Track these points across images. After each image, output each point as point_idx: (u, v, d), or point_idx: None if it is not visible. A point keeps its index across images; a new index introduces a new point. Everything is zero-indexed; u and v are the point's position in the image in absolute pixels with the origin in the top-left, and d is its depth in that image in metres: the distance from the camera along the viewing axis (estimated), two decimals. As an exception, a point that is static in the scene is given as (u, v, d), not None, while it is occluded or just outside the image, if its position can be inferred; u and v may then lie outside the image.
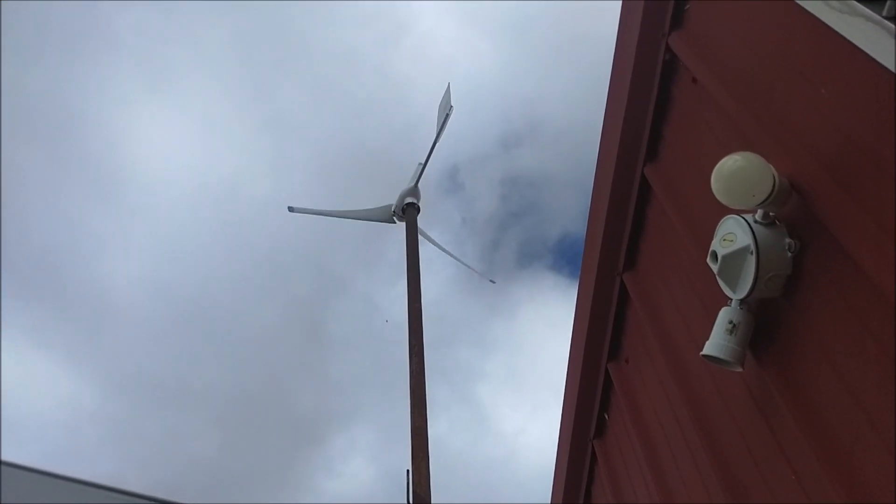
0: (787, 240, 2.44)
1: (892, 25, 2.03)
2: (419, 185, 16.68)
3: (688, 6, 3.45)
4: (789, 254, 2.44)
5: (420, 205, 16.78)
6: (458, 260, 18.32)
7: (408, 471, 11.48)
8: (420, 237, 16.05)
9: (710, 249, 2.60)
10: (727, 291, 2.59)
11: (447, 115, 15.48)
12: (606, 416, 4.82)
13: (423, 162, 16.34)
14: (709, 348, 2.62)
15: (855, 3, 2.22)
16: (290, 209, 17.01)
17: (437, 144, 15.84)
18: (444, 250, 17.73)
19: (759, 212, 2.46)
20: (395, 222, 16.79)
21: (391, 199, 16.76)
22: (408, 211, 16.60)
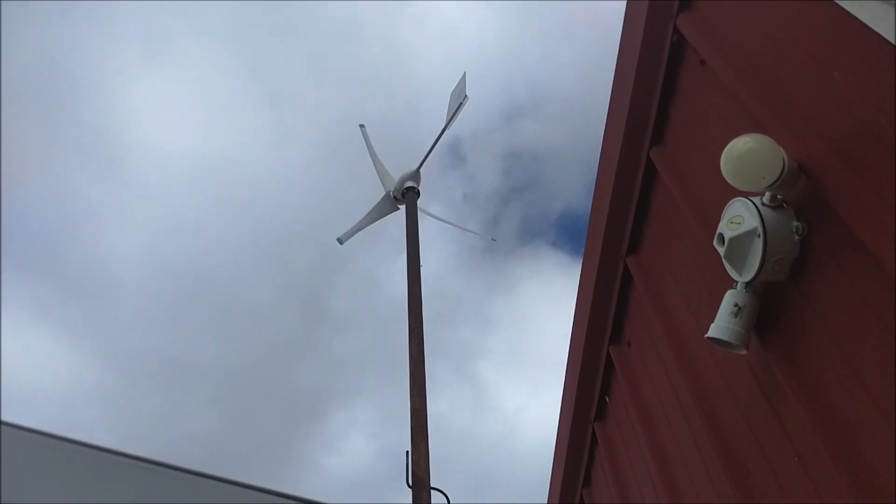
0: (795, 223, 2.43)
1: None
2: (421, 169, 16.66)
3: (697, -13, 3.42)
4: (797, 237, 2.44)
5: (420, 188, 16.78)
6: (458, 226, 18.39)
7: (407, 452, 11.53)
8: (419, 213, 16.06)
9: (717, 232, 2.59)
10: (733, 274, 2.59)
11: (460, 104, 15.38)
12: (608, 399, 4.84)
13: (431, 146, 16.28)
14: (713, 331, 2.62)
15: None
16: (340, 241, 16.49)
17: (446, 131, 15.81)
18: (442, 220, 17.76)
19: (767, 194, 2.45)
20: (398, 209, 16.79)
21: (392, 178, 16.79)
22: (407, 195, 16.59)
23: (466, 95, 15.02)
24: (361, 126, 16.82)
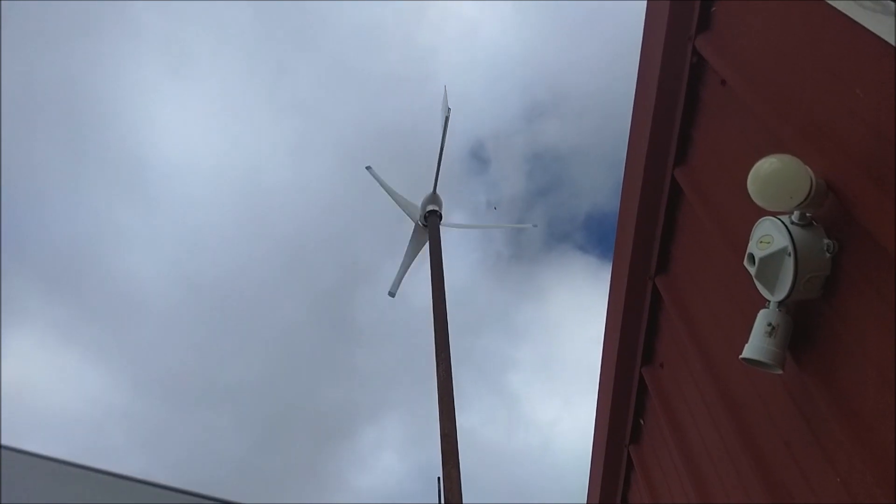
0: (826, 240, 2.43)
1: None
2: (437, 190, 16.93)
3: (714, 8, 3.44)
4: (828, 254, 2.43)
5: (442, 210, 17.00)
6: (492, 226, 18.68)
7: (439, 478, 11.52)
8: (448, 228, 16.37)
9: (747, 252, 2.59)
10: (765, 294, 2.58)
11: (447, 119, 15.93)
12: (642, 422, 4.79)
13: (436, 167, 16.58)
14: (748, 351, 2.60)
15: (888, 1, 2.20)
16: (392, 294, 16.80)
17: (445, 146, 16.18)
18: (474, 226, 18.06)
19: (796, 213, 2.44)
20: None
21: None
22: (430, 218, 16.79)
23: (449, 108, 15.56)
24: (369, 168, 17.20)
